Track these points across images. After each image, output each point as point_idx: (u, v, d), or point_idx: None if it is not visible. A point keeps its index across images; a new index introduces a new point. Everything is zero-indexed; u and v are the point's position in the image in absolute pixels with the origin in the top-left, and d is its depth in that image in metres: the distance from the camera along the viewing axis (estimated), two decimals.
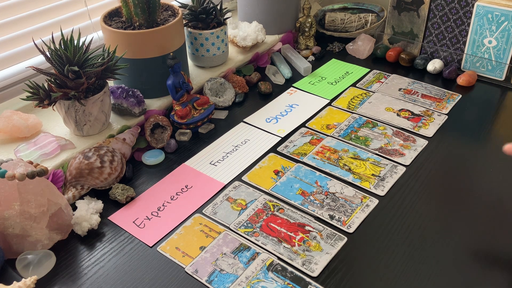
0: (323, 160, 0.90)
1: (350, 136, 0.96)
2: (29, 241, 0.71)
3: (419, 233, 0.75)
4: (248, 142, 0.96)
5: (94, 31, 1.07)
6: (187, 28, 1.08)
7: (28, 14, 0.98)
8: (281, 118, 1.02)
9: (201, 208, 0.81)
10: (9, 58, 0.95)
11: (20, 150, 0.85)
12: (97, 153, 0.82)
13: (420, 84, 1.12)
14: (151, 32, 0.93)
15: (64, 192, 0.82)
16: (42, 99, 0.83)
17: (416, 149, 0.92)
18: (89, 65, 0.83)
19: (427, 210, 0.79)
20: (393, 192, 0.83)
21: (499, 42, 1.07)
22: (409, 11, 1.17)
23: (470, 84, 1.10)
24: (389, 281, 0.68)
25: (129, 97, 0.94)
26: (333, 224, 0.77)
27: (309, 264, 0.70)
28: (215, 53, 1.09)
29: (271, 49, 1.23)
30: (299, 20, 1.24)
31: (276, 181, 0.86)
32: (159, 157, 0.91)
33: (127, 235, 0.76)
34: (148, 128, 0.93)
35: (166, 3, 1.04)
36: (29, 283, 0.64)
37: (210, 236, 0.75)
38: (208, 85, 1.05)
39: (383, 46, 1.22)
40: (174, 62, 0.92)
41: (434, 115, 1.01)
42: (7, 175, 0.67)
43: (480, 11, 1.06)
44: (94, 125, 0.90)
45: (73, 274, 0.70)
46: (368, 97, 1.08)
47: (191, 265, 0.71)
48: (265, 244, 0.74)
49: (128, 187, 0.83)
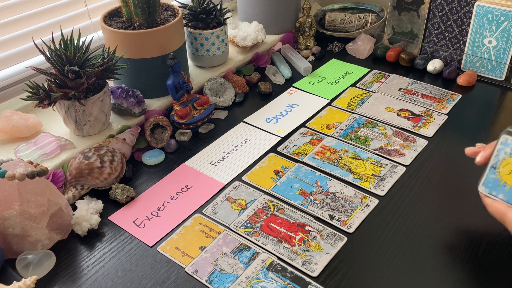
0: (323, 160, 0.90)
1: (350, 136, 0.96)
2: (29, 241, 0.71)
3: (419, 233, 0.75)
4: (248, 142, 0.96)
5: (94, 31, 1.07)
6: (187, 28, 1.08)
7: (28, 14, 0.98)
8: (281, 118, 1.02)
9: (201, 208, 0.81)
10: (9, 58, 0.95)
11: (20, 150, 0.85)
12: (97, 153, 0.82)
13: (420, 84, 1.12)
14: (151, 32, 0.93)
15: (64, 192, 0.82)
16: (42, 99, 0.83)
17: (416, 149, 0.92)
18: (89, 65, 0.83)
19: (427, 210, 0.79)
20: (393, 192, 0.83)
21: (499, 42, 1.07)
22: (409, 11, 1.17)
23: (470, 84, 1.10)
24: (389, 281, 0.68)
25: (129, 97, 0.94)
26: (333, 224, 0.77)
27: (309, 264, 0.70)
28: (215, 53, 1.10)
29: (271, 49, 1.23)
30: (299, 20, 1.24)
31: (276, 181, 0.86)
32: (159, 157, 0.91)
33: (127, 235, 0.76)
34: (148, 128, 0.93)
35: (166, 3, 1.04)
36: (29, 283, 0.64)
37: (210, 236, 0.75)
38: (208, 85, 1.06)
39: (383, 46, 1.22)
40: (174, 62, 0.92)
41: (434, 115, 1.01)
42: (7, 175, 0.67)
43: (480, 11, 1.06)
44: (94, 125, 0.90)
45: (73, 274, 0.70)
46: (368, 97, 1.08)
47: (191, 265, 0.71)
48: (265, 244, 0.74)
49: (128, 187, 0.83)
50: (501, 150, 0.65)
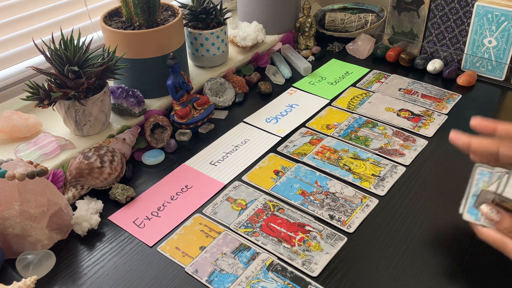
0: (323, 160, 0.90)
1: (350, 136, 0.96)
2: (29, 241, 0.71)
3: (419, 233, 0.75)
4: (248, 142, 0.96)
5: (94, 31, 1.07)
6: (187, 28, 1.08)
7: (28, 14, 0.98)
8: (281, 118, 1.02)
9: (201, 208, 0.81)
10: (9, 58, 0.95)
11: (20, 150, 0.85)
12: (97, 153, 0.82)
13: (420, 84, 1.12)
14: (151, 32, 0.93)
15: (64, 192, 0.82)
16: (42, 99, 0.83)
17: (416, 149, 0.92)
18: (89, 65, 0.83)
19: (427, 210, 0.79)
20: (393, 192, 0.83)
21: (499, 42, 1.07)
22: (409, 11, 1.17)
23: (470, 84, 1.10)
24: (389, 281, 0.68)
25: (129, 97, 0.94)
26: (333, 224, 0.77)
27: (309, 264, 0.70)
28: (215, 53, 1.10)
29: (271, 49, 1.23)
30: (299, 20, 1.24)
31: (276, 181, 0.86)
32: (159, 157, 0.91)
33: (127, 235, 0.76)
34: (148, 128, 0.93)
35: (166, 3, 1.04)
36: (29, 283, 0.64)
37: (210, 236, 0.75)
38: (208, 85, 1.06)
39: (383, 46, 1.22)
40: (174, 62, 0.92)
41: (434, 115, 1.01)
42: (7, 175, 0.67)
43: (480, 11, 1.06)
44: (94, 125, 0.90)
45: (73, 274, 0.70)
46: (368, 97, 1.08)
47: (191, 265, 0.71)
48: (265, 244, 0.74)
49: (128, 187, 0.83)
50: (480, 179, 0.67)
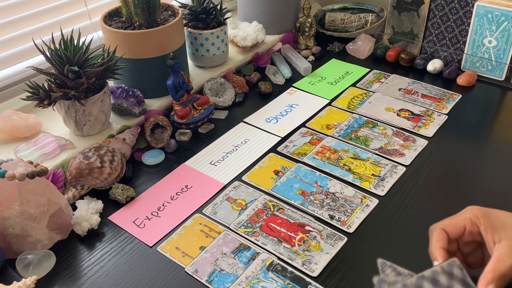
0: (323, 160, 0.90)
1: (350, 136, 0.96)
2: (29, 241, 0.71)
3: (419, 233, 0.75)
4: (248, 142, 0.96)
5: (94, 31, 1.07)
6: (187, 28, 1.08)
7: (28, 14, 0.98)
8: (281, 118, 1.02)
9: (201, 208, 0.81)
10: (9, 58, 0.95)
11: (20, 150, 0.85)
12: (97, 153, 0.82)
13: (420, 84, 1.12)
14: (151, 32, 0.93)
15: (64, 192, 0.82)
16: (42, 99, 0.83)
17: (416, 149, 0.92)
18: (89, 65, 0.83)
19: (427, 210, 0.79)
20: (393, 192, 0.83)
21: (499, 42, 1.07)
22: (409, 11, 1.17)
23: (470, 84, 1.10)
24: None
25: (129, 97, 0.94)
26: (333, 224, 0.77)
27: (309, 264, 0.70)
28: (215, 53, 1.09)
29: (271, 49, 1.23)
30: (299, 20, 1.24)
31: (276, 181, 0.86)
32: (159, 157, 0.91)
33: (127, 235, 0.76)
34: (148, 128, 0.93)
35: (166, 3, 1.04)
36: (29, 283, 0.64)
37: (210, 236, 0.75)
38: (208, 85, 1.06)
39: (383, 46, 1.22)
40: (174, 62, 0.92)
41: (434, 115, 1.01)
42: (7, 175, 0.67)
43: (480, 11, 1.06)
44: (94, 125, 0.90)
45: (73, 274, 0.70)
46: (368, 97, 1.08)
47: (191, 265, 0.71)
48: (265, 244, 0.74)
49: (128, 187, 0.83)
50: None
